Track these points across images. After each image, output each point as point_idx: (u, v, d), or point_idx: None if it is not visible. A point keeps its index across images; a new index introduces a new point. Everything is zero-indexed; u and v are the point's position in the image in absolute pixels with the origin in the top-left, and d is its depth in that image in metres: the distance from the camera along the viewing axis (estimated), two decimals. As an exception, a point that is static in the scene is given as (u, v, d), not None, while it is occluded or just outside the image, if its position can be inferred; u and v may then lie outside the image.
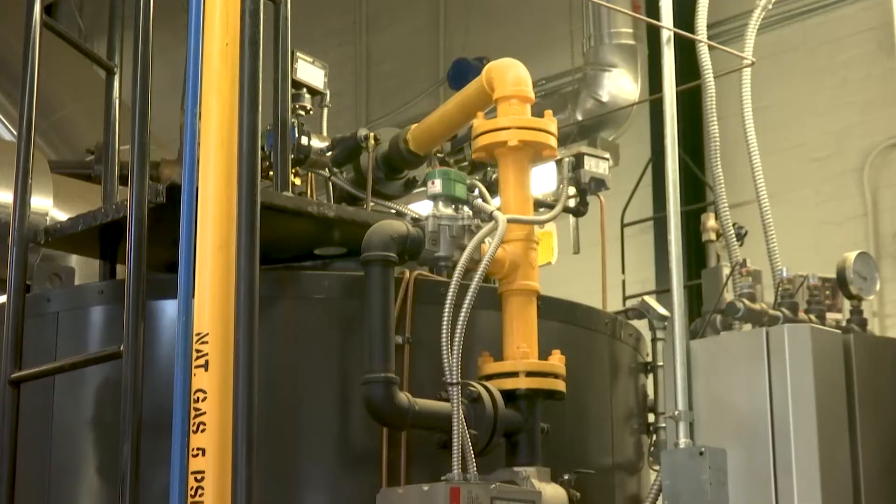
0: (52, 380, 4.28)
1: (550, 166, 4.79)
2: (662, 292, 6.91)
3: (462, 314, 4.00)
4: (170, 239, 3.59)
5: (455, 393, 3.94)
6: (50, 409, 4.34)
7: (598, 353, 4.80)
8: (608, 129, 8.04)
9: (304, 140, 4.97)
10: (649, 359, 5.17)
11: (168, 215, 3.74)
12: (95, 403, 4.32)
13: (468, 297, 4.02)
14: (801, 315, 4.72)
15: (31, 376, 3.97)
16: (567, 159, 4.72)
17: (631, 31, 8.28)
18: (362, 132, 5.20)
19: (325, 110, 5.37)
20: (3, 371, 3.95)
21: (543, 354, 4.29)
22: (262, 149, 4.52)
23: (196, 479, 3.32)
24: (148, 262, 3.68)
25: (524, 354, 4.24)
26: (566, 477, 4.24)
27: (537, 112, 4.49)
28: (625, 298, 7.18)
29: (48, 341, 4.38)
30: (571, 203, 4.82)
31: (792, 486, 4.14)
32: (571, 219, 5.23)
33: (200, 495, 3.30)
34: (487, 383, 4.18)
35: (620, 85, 8.16)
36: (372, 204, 5.16)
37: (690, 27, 4.94)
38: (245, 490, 3.22)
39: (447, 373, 3.95)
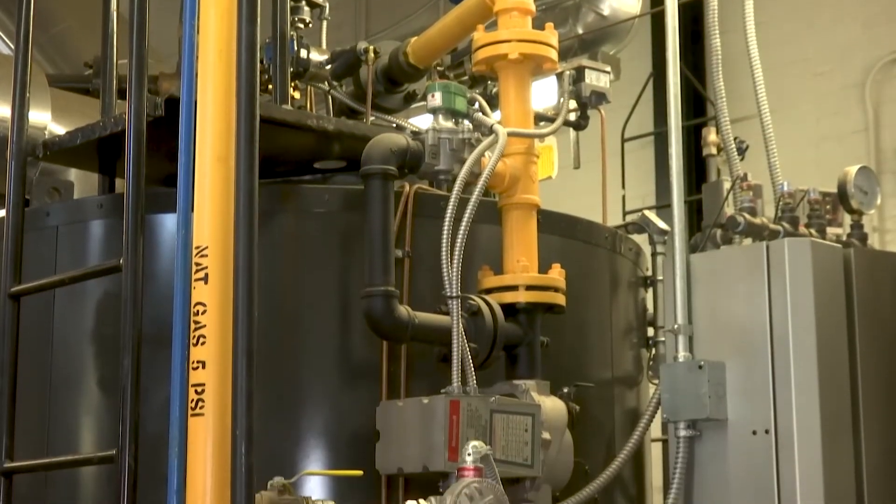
0: (52, 294, 4.29)
1: (551, 80, 4.77)
2: (663, 207, 6.88)
3: (462, 228, 3.99)
4: (169, 152, 3.58)
5: (455, 306, 3.94)
6: (50, 323, 4.35)
7: (598, 267, 4.81)
8: (609, 43, 7.95)
9: (304, 53, 4.94)
10: (649, 273, 5.18)
11: (167, 128, 3.72)
12: (95, 317, 4.33)
13: (468, 211, 4.01)
14: (802, 229, 4.72)
15: (30, 290, 3.97)
16: (568, 72, 4.69)
17: (632, -57, 8.19)
18: (362, 45, 5.17)
19: (325, 23, 5.33)
20: (3, 285, 3.95)
21: (543, 268, 4.29)
22: (261, 62, 4.50)
23: (196, 391, 3.32)
24: (147, 175, 3.66)
25: (524, 268, 4.24)
26: (565, 390, 4.26)
27: (538, 25, 4.45)
28: (625, 213, 7.16)
29: (48, 255, 4.39)
30: (572, 117, 4.79)
31: (791, 399, 4.16)
32: (572, 133, 5.21)
33: (201, 408, 3.31)
34: (487, 297, 4.18)
35: (622, -2, 8.09)
36: (372, 117, 5.13)
37: (693, -61, 4.90)
38: (245, 402, 3.23)
39: (447, 286, 3.95)
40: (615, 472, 4.42)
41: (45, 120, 5.67)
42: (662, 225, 5.17)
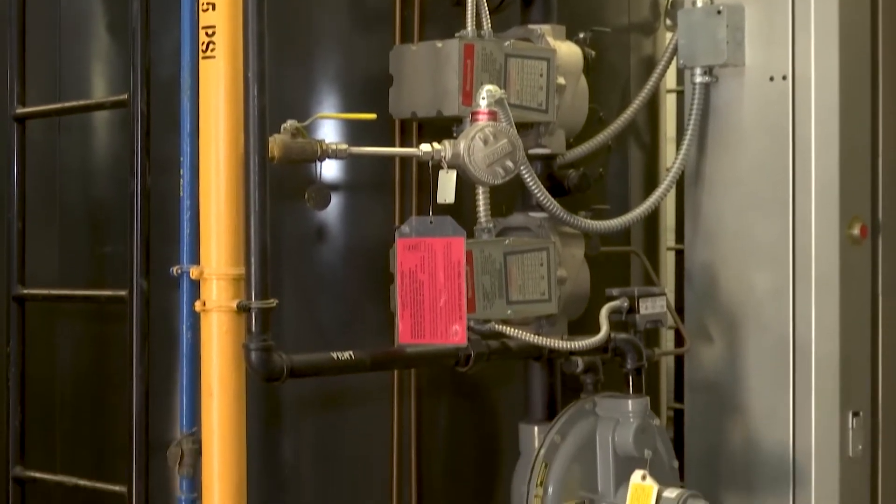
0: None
1: None
2: None
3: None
4: None
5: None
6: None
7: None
8: None
9: None
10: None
11: None
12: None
13: None
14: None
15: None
16: None
17: None
18: None
19: None
20: None
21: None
22: None
23: (207, 34, 3.27)
24: None
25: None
26: (581, 35, 4.19)
27: None
28: None
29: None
30: None
31: (809, 45, 4.10)
32: None
33: (212, 50, 3.26)
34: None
35: None
36: None
37: None
38: (256, 44, 3.17)
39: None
40: (629, 119, 4.40)
41: None
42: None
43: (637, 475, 3.76)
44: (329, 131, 3.96)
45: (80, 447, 4.24)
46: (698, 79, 4.25)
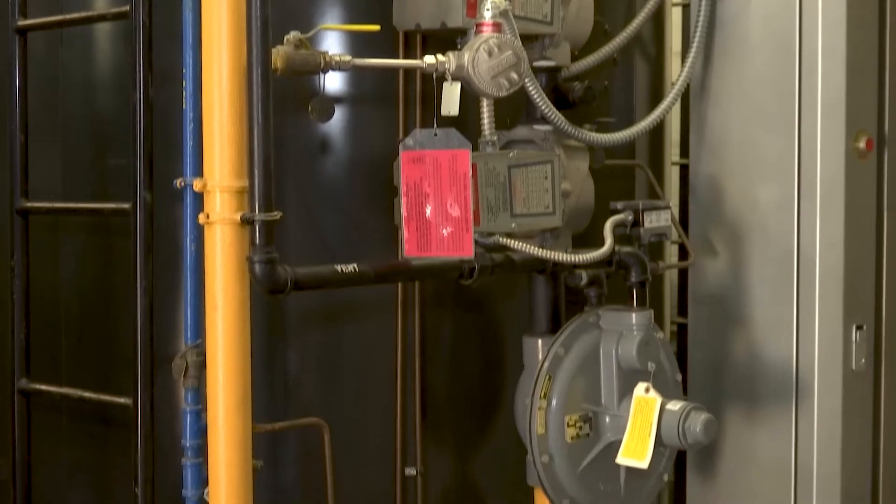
0: None
1: None
2: None
3: None
4: None
5: None
6: None
7: None
8: None
9: None
10: None
11: None
12: None
13: None
14: None
15: None
16: None
17: None
18: None
19: None
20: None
21: None
22: None
23: (208, -57, 3.24)
24: None
25: None
26: (587, -54, 4.14)
27: None
28: None
29: None
30: None
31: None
32: None
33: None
34: None
35: None
36: None
37: None
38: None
39: None
40: (635, 32, 4.35)
41: None
42: None
43: (640, 388, 3.78)
44: (332, 43, 3.93)
45: (86, 360, 4.25)
46: (705, -15, 4.22)
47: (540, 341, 3.95)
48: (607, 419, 3.84)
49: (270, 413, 3.85)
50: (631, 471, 3.86)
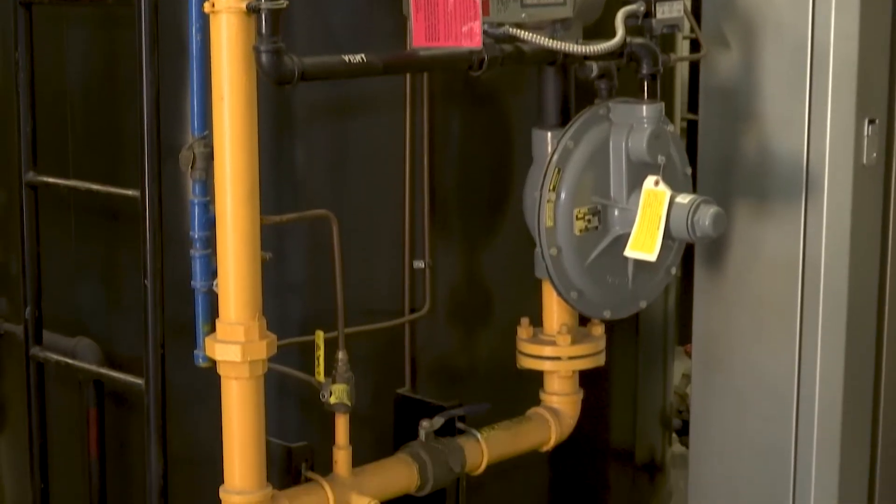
0: None
1: None
2: None
3: None
4: None
5: None
6: None
7: None
8: None
9: None
10: None
11: None
12: None
13: None
14: None
15: None
16: None
17: None
18: None
19: None
20: None
21: None
22: None
23: None
24: None
25: None
26: None
27: None
28: None
29: None
30: None
31: None
32: None
33: None
34: None
35: None
36: None
37: None
38: None
39: None
40: None
41: None
42: None
43: (650, 181, 3.76)
44: None
45: (93, 153, 4.24)
46: None
47: (549, 134, 3.92)
48: (616, 212, 3.83)
49: (278, 207, 3.84)
50: (639, 264, 3.87)
